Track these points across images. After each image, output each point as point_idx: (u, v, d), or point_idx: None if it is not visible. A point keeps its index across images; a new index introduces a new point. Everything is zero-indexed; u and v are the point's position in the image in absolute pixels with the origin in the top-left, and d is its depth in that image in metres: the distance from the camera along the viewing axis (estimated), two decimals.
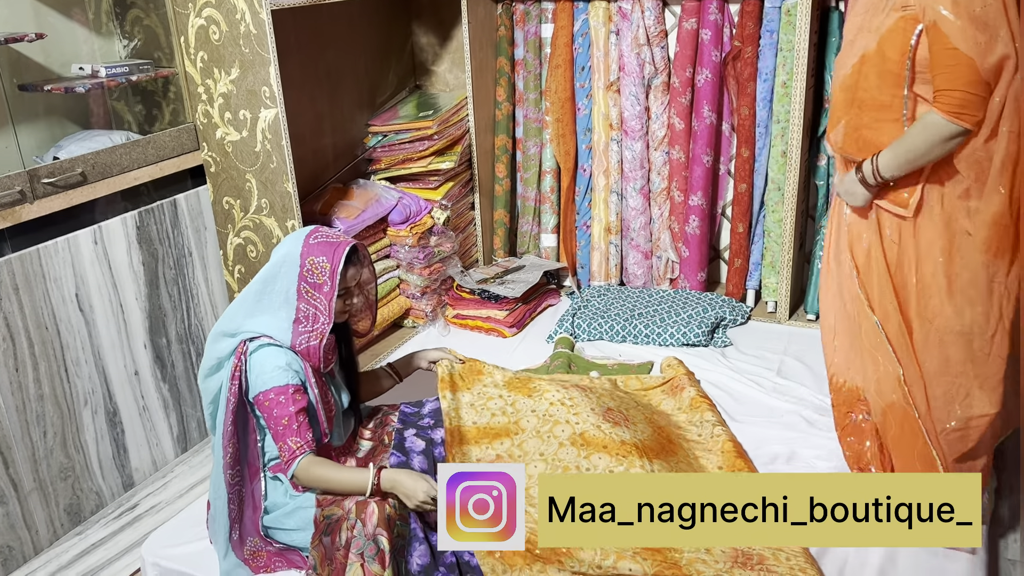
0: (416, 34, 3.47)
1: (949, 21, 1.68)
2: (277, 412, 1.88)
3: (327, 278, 1.90)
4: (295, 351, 1.93)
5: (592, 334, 3.05)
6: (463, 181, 3.38)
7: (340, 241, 1.95)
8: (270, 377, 1.89)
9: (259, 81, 2.43)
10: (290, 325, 1.93)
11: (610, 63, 3.20)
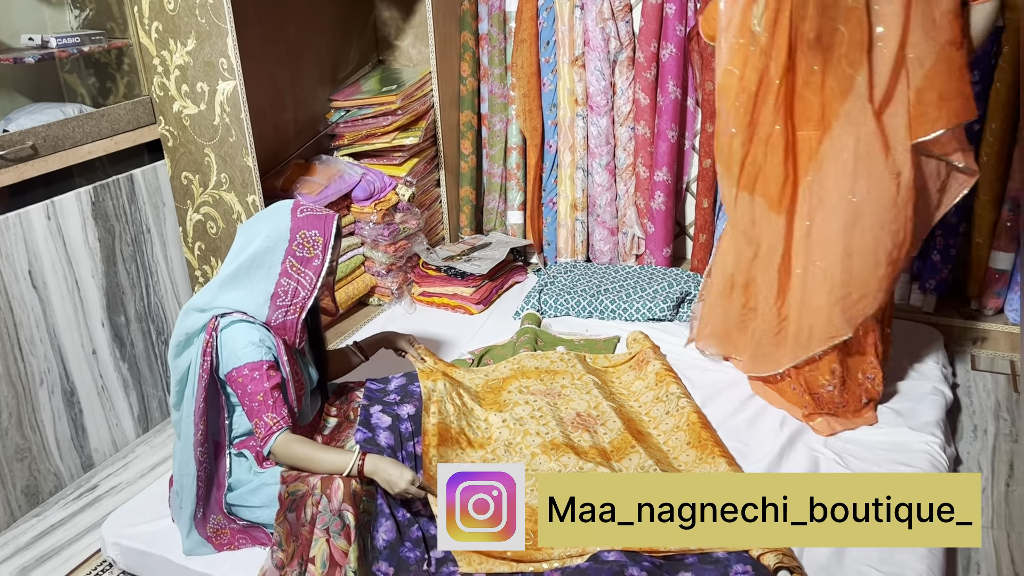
0: (379, 8, 3.41)
1: None
2: (252, 388, 1.85)
3: (319, 251, 1.89)
4: (269, 327, 1.90)
5: (559, 310, 3.05)
6: (428, 157, 3.35)
7: (327, 214, 1.95)
8: (244, 353, 1.86)
9: (216, 53, 2.38)
10: (267, 300, 1.90)
11: (575, 38, 3.18)
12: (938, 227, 2.85)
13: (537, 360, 2.58)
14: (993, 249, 2.79)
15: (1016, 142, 2.68)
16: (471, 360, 2.71)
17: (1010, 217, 2.72)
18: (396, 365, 2.71)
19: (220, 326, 1.88)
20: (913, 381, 2.50)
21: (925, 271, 2.92)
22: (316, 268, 1.90)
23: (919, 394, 2.43)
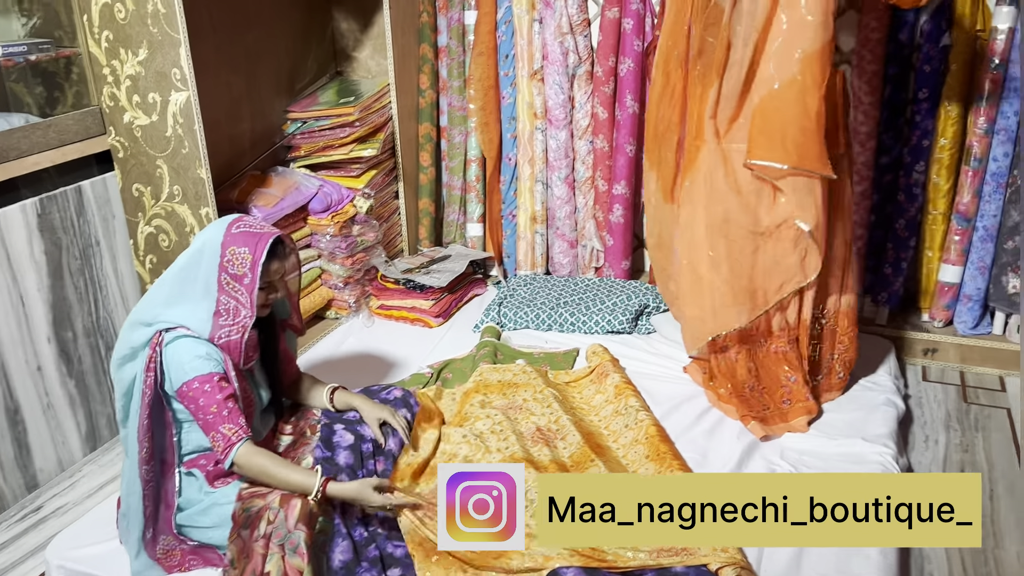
0: (337, 19, 3.39)
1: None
2: (204, 401, 1.80)
3: (248, 270, 1.83)
4: (214, 344, 1.86)
5: (518, 323, 3.04)
6: (386, 169, 3.33)
7: (264, 232, 1.88)
8: (191, 367, 1.81)
9: (169, 63, 2.33)
10: (210, 317, 1.85)
11: (534, 51, 3.19)
12: (890, 240, 2.91)
13: (499, 373, 2.57)
14: (942, 262, 2.85)
15: (963, 158, 2.74)
16: (430, 374, 2.69)
17: (958, 231, 2.78)
18: (355, 381, 2.68)
19: (165, 341, 1.84)
20: (866, 392, 2.54)
21: (877, 284, 2.97)
22: (248, 287, 1.84)
23: (872, 405, 2.47)
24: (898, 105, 2.78)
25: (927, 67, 2.70)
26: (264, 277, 1.86)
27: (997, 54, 2.60)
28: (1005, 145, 2.66)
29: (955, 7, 2.63)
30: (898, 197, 2.86)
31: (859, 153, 2.84)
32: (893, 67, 2.74)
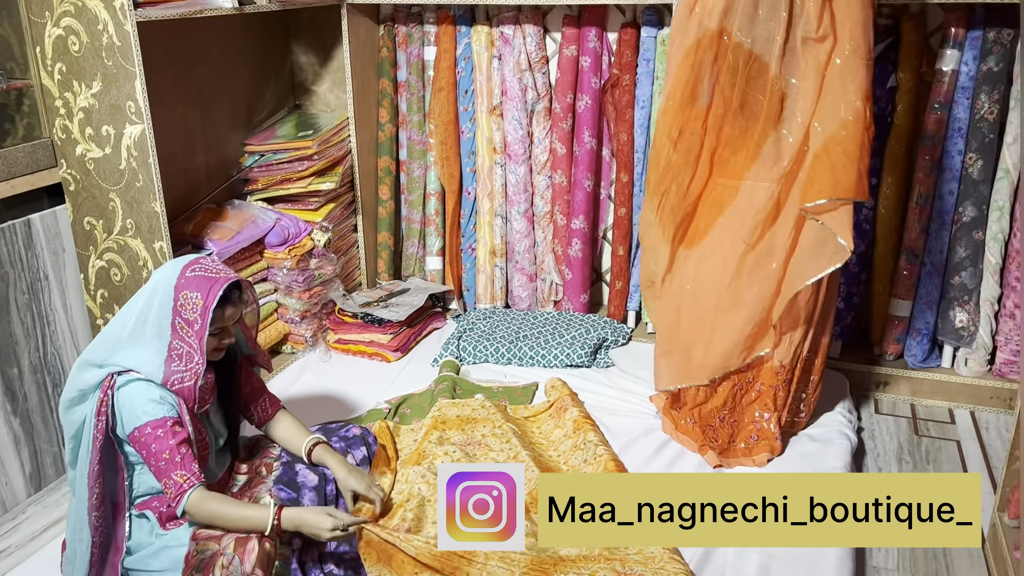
0: (296, 53, 3.39)
1: None
2: (156, 447, 1.76)
3: (198, 315, 1.80)
4: (168, 388, 1.82)
5: (478, 356, 3.03)
6: (345, 202, 3.32)
7: (219, 277, 1.84)
8: (144, 411, 1.77)
9: (124, 96, 2.31)
10: (163, 362, 1.82)
11: (493, 87, 3.22)
12: (841, 276, 2.96)
13: (457, 408, 2.56)
14: (892, 297, 2.91)
15: (910, 195, 2.82)
16: (387, 409, 2.66)
17: (907, 266, 2.85)
18: (314, 417, 2.64)
19: (117, 384, 1.80)
20: (821, 426, 2.58)
21: None
22: (198, 333, 1.80)
23: (827, 439, 2.50)
24: None
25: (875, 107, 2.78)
26: (216, 323, 1.83)
27: (941, 95, 2.69)
28: (950, 183, 2.74)
29: (901, 50, 2.72)
30: None
31: None
32: None
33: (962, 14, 2.62)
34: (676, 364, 2.47)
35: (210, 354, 1.86)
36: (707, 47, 2.21)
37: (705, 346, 2.39)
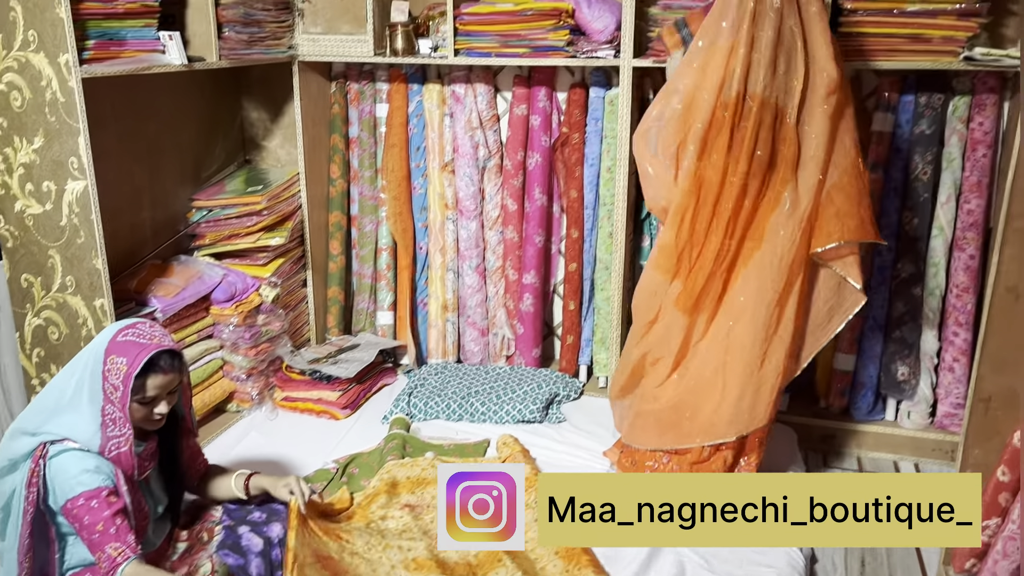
0: (246, 109, 3.38)
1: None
2: (90, 519, 1.70)
3: (120, 381, 1.75)
4: (104, 456, 1.76)
5: (428, 413, 3.00)
6: (295, 257, 3.29)
7: (149, 344, 1.80)
8: (77, 482, 1.72)
9: (66, 151, 2.27)
10: (97, 428, 1.76)
11: (445, 144, 3.25)
12: None
13: (407, 469, 2.52)
14: (837, 351, 2.97)
15: None
16: (335, 469, 2.61)
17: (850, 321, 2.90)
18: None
19: (49, 454, 1.74)
20: None
21: None
22: (120, 400, 1.76)
23: None
24: None
25: None
26: (141, 392, 1.78)
27: (878, 156, 2.78)
28: (889, 240, 2.82)
29: None
30: None
31: None
32: None
33: (895, 79, 2.73)
34: (680, 423, 2.39)
35: (142, 422, 1.81)
36: (725, 112, 2.21)
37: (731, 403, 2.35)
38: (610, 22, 2.80)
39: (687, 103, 2.24)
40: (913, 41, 2.53)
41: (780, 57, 2.18)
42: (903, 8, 2.51)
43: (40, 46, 2.20)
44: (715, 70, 2.19)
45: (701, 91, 2.22)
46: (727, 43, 2.17)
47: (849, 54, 2.57)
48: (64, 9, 2.14)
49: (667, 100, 2.28)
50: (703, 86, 2.22)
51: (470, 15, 2.89)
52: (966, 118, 2.70)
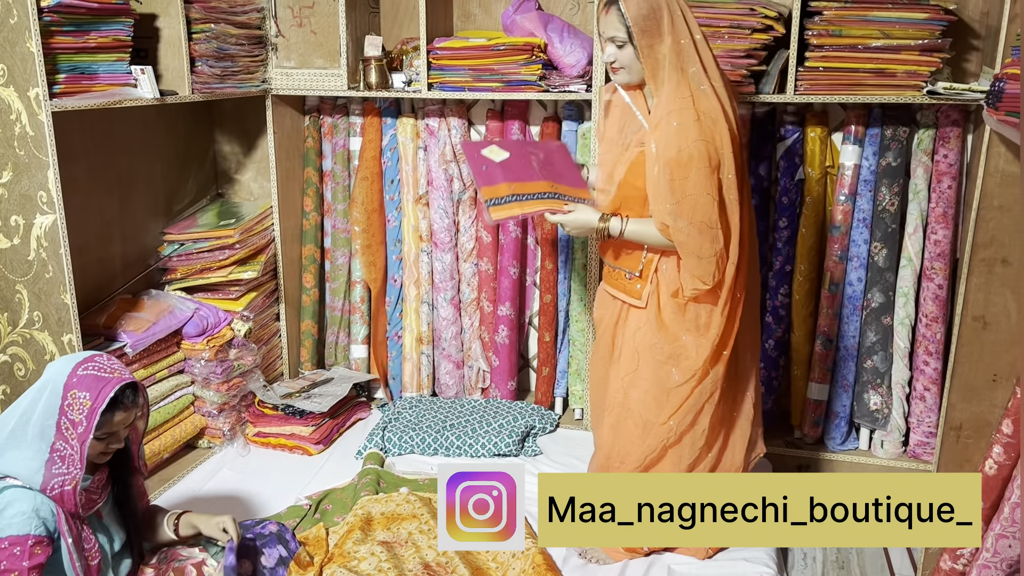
0: (219, 142, 3.37)
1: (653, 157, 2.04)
2: (6, 565, 1.67)
3: (84, 417, 1.72)
4: (47, 494, 1.72)
5: (403, 447, 2.97)
6: (267, 291, 3.26)
7: (111, 378, 1.77)
8: (7, 524, 1.68)
9: (35, 185, 2.25)
10: (42, 465, 1.72)
11: (419, 177, 3.26)
12: (761, 360, 3.03)
13: (382, 505, 2.49)
14: (810, 380, 2.99)
15: (822, 282, 2.93)
16: (308, 506, 2.57)
17: (822, 351, 2.94)
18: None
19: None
20: None
21: None
22: (81, 436, 1.72)
23: None
24: (761, 232, 2.97)
25: (784, 199, 2.91)
26: (104, 427, 1.75)
27: (846, 187, 2.83)
28: (859, 271, 2.86)
29: (807, 145, 2.87)
30: (766, 319, 3.01)
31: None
32: (754, 198, 2.94)
33: (861, 112, 2.79)
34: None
35: (97, 457, 1.78)
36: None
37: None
38: (582, 57, 2.84)
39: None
40: (878, 76, 2.59)
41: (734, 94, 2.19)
42: (867, 44, 2.56)
43: (10, 80, 2.18)
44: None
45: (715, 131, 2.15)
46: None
47: (816, 88, 2.63)
48: (35, 43, 2.13)
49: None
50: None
51: (443, 49, 2.92)
52: (931, 150, 2.75)
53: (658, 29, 2.01)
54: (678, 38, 2.02)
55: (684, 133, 2.00)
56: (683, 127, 2.00)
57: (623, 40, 2.05)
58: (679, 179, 2.01)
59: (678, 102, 2.02)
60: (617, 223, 2.16)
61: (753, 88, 2.68)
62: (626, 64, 2.08)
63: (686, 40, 2.03)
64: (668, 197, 2.03)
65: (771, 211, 2.98)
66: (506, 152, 2.32)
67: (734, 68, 2.63)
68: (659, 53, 2.02)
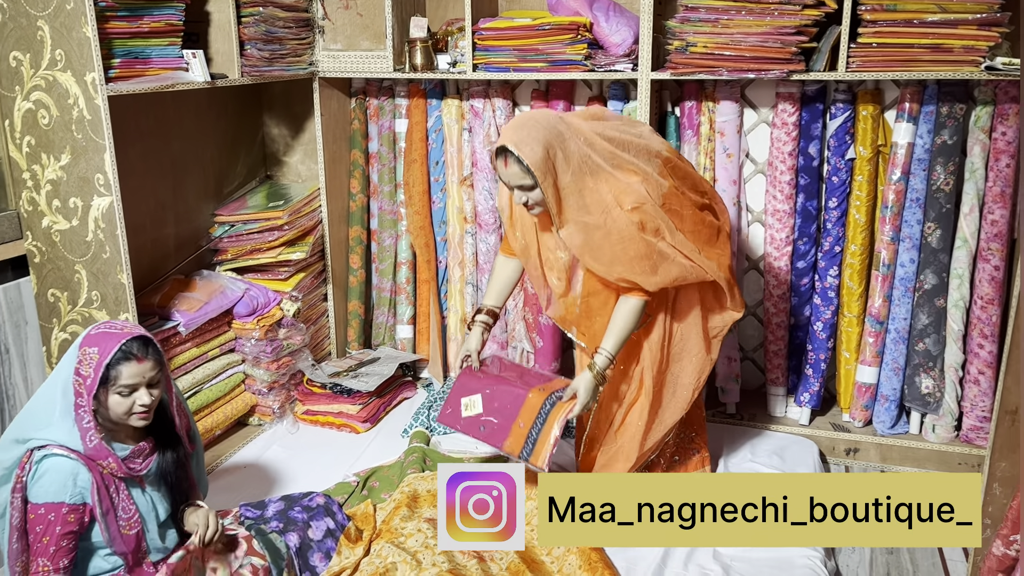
0: (267, 125, 3.42)
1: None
2: (42, 529, 1.75)
3: (92, 370, 1.77)
4: (89, 450, 1.78)
5: (448, 427, 2.99)
6: (315, 272, 3.31)
7: (120, 333, 1.82)
8: (45, 491, 1.75)
9: (93, 168, 2.31)
10: (73, 424, 1.79)
11: (463, 159, 3.27)
12: (809, 342, 3.00)
13: (428, 483, 2.52)
14: (859, 363, 2.94)
15: (872, 263, 2.88)
16: (355, 482, 2.61)
17: (872, 333, 2.89)
18: (276, 490, 2.59)
19: (35, 459, 1.77)
20: None
21: (799, 385, 3.04)
22: (88, 387, 1.77)
23: None
24: (810, 213, 2.92)
25: (835, 178, 2.86)
26: (120, 380, 1.79)
27: (898, 167, 2.77)
28: (911, 252, 2.80)
29: (858, 123, 2.81)
30: (815, 300, 2.97)
31: (776, 258, 2.96)
32: (804, 177, 2.89)
33: (916, 90, 2.72)
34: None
35: (126, 416, 1.82)
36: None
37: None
38: (628, 36, 2.81)
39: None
40: (934, 51, 2.52)
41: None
42: (923, 18, 2.49)
43: (67, 65, 2.24)
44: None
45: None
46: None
47: (869, 65, 2.57)
48: (91, 28, 2.18)
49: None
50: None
51: (488, 30, 2.91)
52: (988, 128, 2.68)
53: (554, 166, 2.11)
54: (571, 158, 2.13)
55: (622, 216, 2.14)
56: (616, 218, 2.14)
57: (531, 184, 2.13)
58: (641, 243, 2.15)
59: (601, 197, 2.15)
60: (603, 359, 2.27)
61: (803, 65, 2.63)
62: (541, 200, 2.16)
63: (578, 151, 2.13)
64: (643, 263, 2.16)
65: (821, 191, 2.93)
66: (477, 396, 2.39)
67: (783, 45, 2.58)
68: (562, 182, 2.13)
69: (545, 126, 2.12)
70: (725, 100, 2.91)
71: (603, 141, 2.18)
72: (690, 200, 2.28)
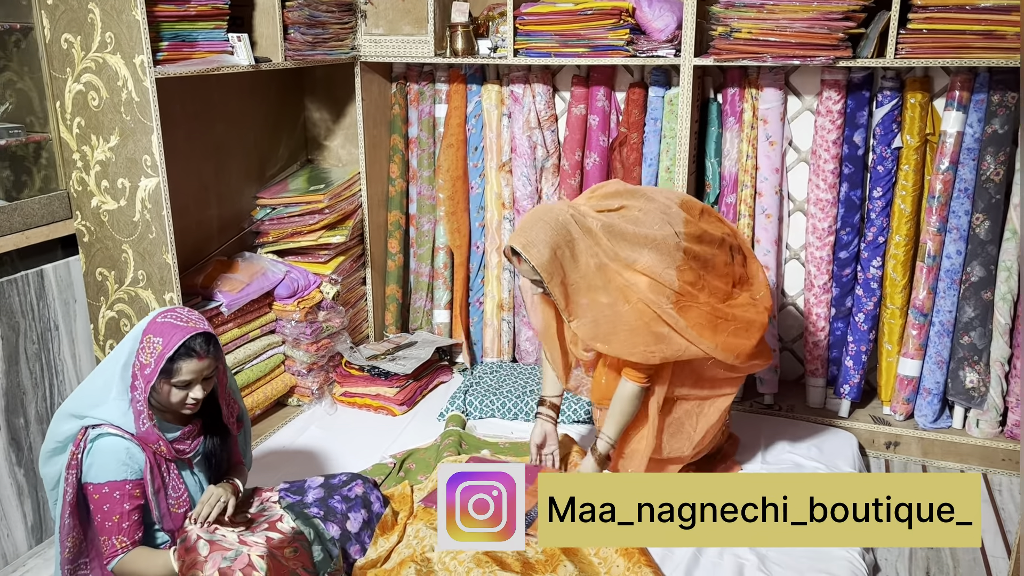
0: (309, 109, 3.45)
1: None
2: (109, 507, 1.79)
3: (153, 360, 1.81)
4: (141, 432, 1.82)
5: (484, 411, 3.01)
6: (354, 256, 3.34)
7: (186, 326, 1.85)
8: (105, 470, 1.79)
9: (140, 149, 2.35)
10: (129, 406, 1.83)
11: (502, 144, 3.27)
12: (850, 333, 2.96)
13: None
14: (901, 356, 2.90)
15: (917, 255, 2.83)
16: (392, 464, 2.64)
17: (916, 325, 2.84)
18: (315, 470, 2.63)
19: (89, 437, 1.81)
20: None
21: (839, 377, 3.00)
22: (147, 377, 1.80)
23: None
24: (854, 203, 2.87)
25: (880, 167, 2.81)
26: (176, 375, 1.82)
27: (947, 156, 2.71)
28: (958, 243, 2.75)
29: (905, 111, 2.76)
30: (856, 291, 2.92)
31: (818, 248, 2.92)
32: (848, 166, 2.85)
33: (967, 77, 2.66)
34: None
35: (178, 406, 1.86)
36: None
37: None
38: (671, 21, 2.78)
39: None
40: (986, 38, 2.46)
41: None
42: (975, 4, 2.44)
43: (117, 47, 2.27)
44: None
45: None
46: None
47: (918, 52, 2.51)
48: (140, 11, 2.21)
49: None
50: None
51: (530, 15, 2.90)
52: None
53: (562, 265, 2.18)
54: (579, 257, 2.19)
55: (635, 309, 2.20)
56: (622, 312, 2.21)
57: (539, 280, 2.20)
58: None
59: (609, 294, 2.21)
60: (605, 444, 2.35)
61: (850, 52, 2.58)
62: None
63: (586, 251, 2.19)
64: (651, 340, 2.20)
65: (866, 180, 2.88)
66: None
67: (830, 31, 2.54)
68: (570, 280, 2.20)
69: (554, 227, 2.19)
70: (769, 87, 2.87)
71: (610, 241, 2.21)
72: (711, 288, 2.29)
